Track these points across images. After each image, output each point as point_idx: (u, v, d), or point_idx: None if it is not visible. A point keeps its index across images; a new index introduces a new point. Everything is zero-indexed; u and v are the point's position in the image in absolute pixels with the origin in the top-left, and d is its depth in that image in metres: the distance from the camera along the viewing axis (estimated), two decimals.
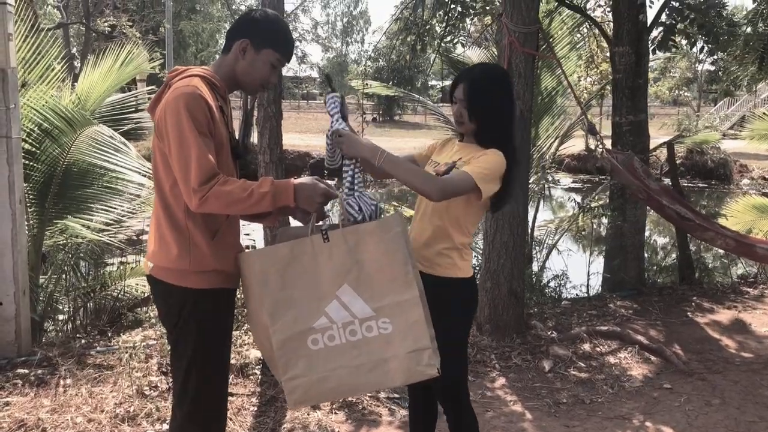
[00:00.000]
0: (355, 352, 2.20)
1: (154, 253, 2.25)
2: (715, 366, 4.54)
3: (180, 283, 2.22)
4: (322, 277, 2.20)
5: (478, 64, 2.83)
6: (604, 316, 5.41)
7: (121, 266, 6.35)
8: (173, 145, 2.10)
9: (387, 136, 28.04)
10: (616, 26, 5.90)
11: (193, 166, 2.07)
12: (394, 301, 2.20)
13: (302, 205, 2.23)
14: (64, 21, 19.68)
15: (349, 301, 2.19)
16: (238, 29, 2.31)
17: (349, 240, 2.21)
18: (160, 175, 2.21)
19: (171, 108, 2.11)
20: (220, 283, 2.27)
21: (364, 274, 2.20)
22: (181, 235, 2.19)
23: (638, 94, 5.98)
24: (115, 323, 5.49)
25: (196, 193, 2.07)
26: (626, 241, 6.15)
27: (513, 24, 4.47)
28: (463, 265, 2.58)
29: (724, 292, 6.22)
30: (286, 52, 2.36)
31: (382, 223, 2.23)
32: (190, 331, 2.25)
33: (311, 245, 2.21)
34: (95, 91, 6.05)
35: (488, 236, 4.78)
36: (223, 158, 2.23)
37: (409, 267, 2.21)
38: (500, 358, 4.53)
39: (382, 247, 2.20)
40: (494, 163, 2.46)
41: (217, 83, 2.26)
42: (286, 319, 2.20)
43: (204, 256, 2.21)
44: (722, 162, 23.44)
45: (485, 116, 2.52)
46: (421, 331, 2.19)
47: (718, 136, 14.34)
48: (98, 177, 5.53)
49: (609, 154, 4.97)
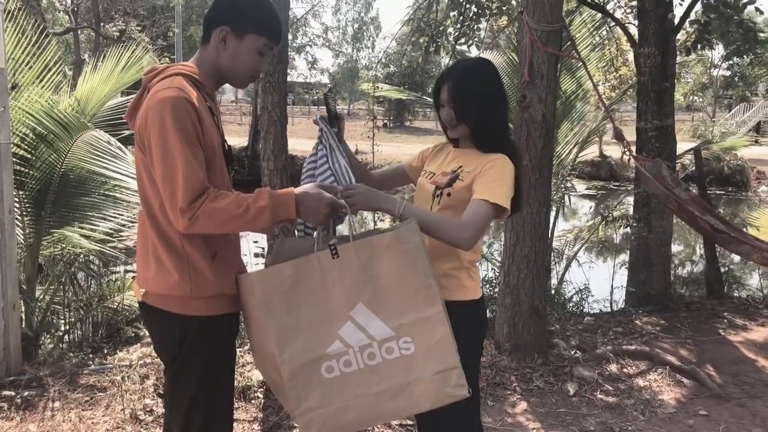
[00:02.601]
0: (375, 377, 1.96)
1: (148, 279, 1.97)
2: (753, 390, 4.21)
3: (180, 310, 1.95)
4: (333, 297, 1.95)
5: (459, 61, 2.53)
6: (631, 333, 5.09)
7: (125, 274, 6.13)
8: (157, 159, 1.83)
9: (398, 141, 27.81)
10: (642, 26, 5.59)
11: (180, 183, 1.79)
12: (416, 318, 1.96)
13: (305, 218, 1.97)
14: (73, 26, 19.56)
15: (365, 322, 1.95)
16: (215, 15, 2.01)
17: (361, 255, 1.96)
18: (148, 192, 1.93)
19: (153, 116, 1.83)
20: (223, 309, 2.00)
21: (381, 291, 1.96)
22: (180, 258, 1.92)
23: (664, 98, 5.66)
24: (112, 338, 5.25)
25: (185, 214, 1.79)
26: (651, 253, 5.82)
27: (535, 22, 4.17)
28: (471, 286, 2.30)
29: (756, 307, 5.88)
30: (274, 34, 2.04)
31: (397, 234, 1.98)
32: (194, 364, 1.98)
33: (318, 263, 1.96)
34: (95, 95, 5.82)
35: (508, 248, 4.48)
36: (216, 166, 1.95)
37: (431, 280, 1.98)
38: (521, 380, 4.22)
39: (400, 260, 1.96)
40: (505, 173, 2.20)
41: (203, 80, 1.98)
42: (296, 347, 1.94)
43: (205, 280, 1.94)
44: (739, 168, 23.06)
45: (477, 114, 2.25)
46: (448, 349, 1.97)
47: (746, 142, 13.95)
48: (97, 185, 5.29)
49: (636, 161, 4.66)
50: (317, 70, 45.82)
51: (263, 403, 3.73)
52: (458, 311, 2.24)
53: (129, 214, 5.40)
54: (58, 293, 5.31)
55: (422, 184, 2.41)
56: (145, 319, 2.11)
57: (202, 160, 1.85)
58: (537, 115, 4.23)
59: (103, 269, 6.07)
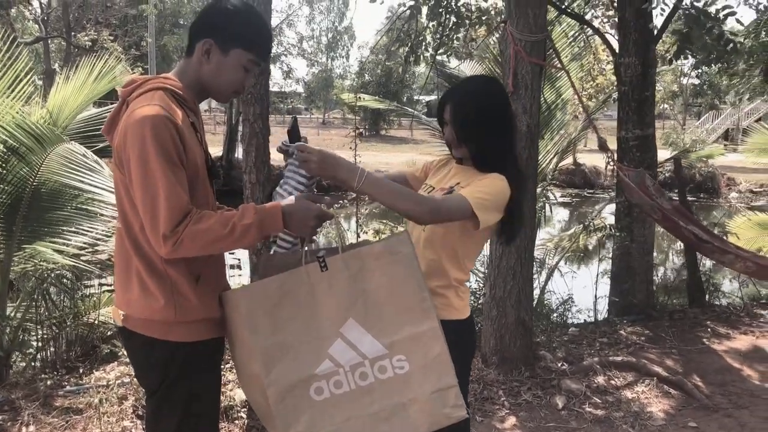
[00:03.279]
0: (368, 398, 1.86)
1: (130, 301, 1.86)
2: (741, 400, 4.20)
3: (164, 336, 1.84)
4: (322, 314, 1.85)
5: (465, 79, 2.47)
6: (616, 344, 5.06)
7: (100, 288, 5.95)
8: (136, 182, 1.73)
9: (373, 150, 27.77)
10: (622, 36, 5.60)
11: (162, 207, 1.69)
12: (410, 333, 1.87)
13: (294, 230, 1.88)
14: (43, 35, 19.23)
15: (356, 339, 1.85)
16: (201, 26, 1.91)
17: (351, 266, 1.87)
18: (127, 212, 1.83)
19: (133, 135, 1.72)
20: (209, 333, 1.91)
21: (372, 305, 1.86)
22: (164, 282, 1.82)
23: (645, 107, 5.67)
24: (88, 356, 5.08)
25: (168, 239, 1.69)
26: (634, 262, 5.81)
27: (519, 32, 4.14)
28: (459, 306, 2.23)
29: (738, 315, 5.90)
30: (261, 50, 1.94)
31: (388, 244, 1.90)
32: (178, 393, 1.88)
33: (306, 276, 1.86)
34: (68, 106, 5.65)
35: (493, 261, 4.43)
36: (200, 185, 1.86)
37: (425, 293, 1.90)
38: (509, 394, 4.16)
39: (391, 272, 1.88)
40: (496, 189, 2.11)
41: (185, 95, 1.88)
42: (283, 368, 1.83)
43: (190, 304, 1.84)
44: (710, 175, 23.40)
45: (478, 138, 2.16)
46: (445, 366, 1.89)
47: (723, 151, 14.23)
48: (71, 198, 5.12)
49: (620, 171, 4.64)
50: (292, 79, 45.71)
51: (247, 423, 3.62)
52: (445, 331, 2.16)
53: (104, 227, 5.25)
54: (30, 310, 5.13)
55: None
56: (126, 345, 2.00)
57: (185, 181, 1.76)
58: (522, 125, 4.19)
59: (77, 284, 5.90)
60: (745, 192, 23.35)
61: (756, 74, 7.22)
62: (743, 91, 8.72)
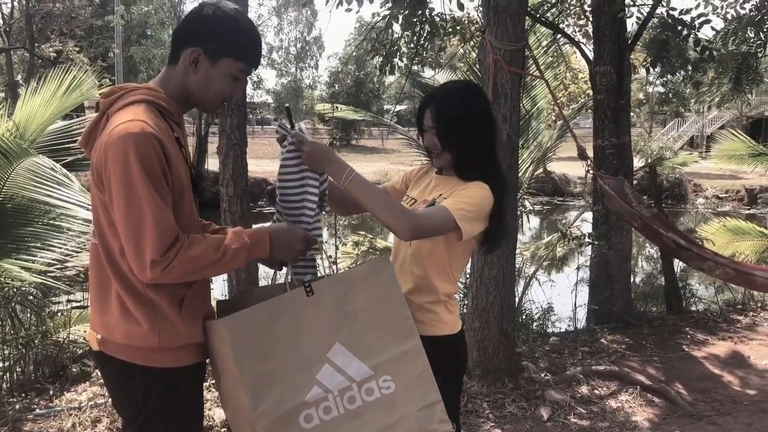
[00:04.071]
0: (357, 422, 1.82)
1: (109, 325, 1.75)
2: (723, 407, 4.20)
3: (146, 362, 1.74)
4: (309, 339, 1.80)
5: (444, 84, 2.41)
6: (598, 353, 5.05)
7: (68, 304, 5.76)
8: (119, 203, 1.62)
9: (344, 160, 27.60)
10: (597, 45, 5.63)
11: (149, 232, 1.60)
12: (394, 354, 1.87)
13: (279, 255, 1.82)
14: (5, 46, 18.84)
15: (343, 363, 1.82)
16: (187, 33, 1.79)
17: (337, 290, 1.84)
18: (106, 234, 1.72)
19: (115, 153, 1.62)
20: (193, 358, 1.81)
21: (358, 328, 1.83)
22: (146, 306, 1.72)
23: (621, 116, 5.70)
24: (58, 377, 4.90)
25: (157, 265, 1.60)
26: (612, 270, 5.83)
27: (498, 41, 4.11)
28: (449, 320, 2.18)
29: (715, 321, 5.94)
30: (252, 58, 1.84)
31: (372, 267, 1.89)
32: (159, 420, 1.78)
33: (292, 302, 1.81)
34: (36, 119, 5.48)
35: (475, 272, 4.38)
36: (186, 202, 1.77)
37: (407, 312, 1.90)
38: (493, 407, 4.11)
39: (376, 293, 1.86)
40: (479, 198, 2.07)
41: (169, 106, 1.77)
42: (272, 399, 1.75)
43: (174, 329, 1.74)
44: (677, 182, 23.79)
45: (462, 143, 2.12)
46: (429, 383, 1.89)
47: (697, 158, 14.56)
48: (40, 214, 4.96)
49: (600, 179, 4.64)
50: (262, 89, 45.44)
51: None
52: (436, 346, 2.10)
53: (74, 243, 5.09)
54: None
55: None
56: (103, 370, 1.88)
57: (170, 202, 1.67)
58: (501, 135, 4.16)
59: (44, 300, 5.72)
60: (712, 198, 23.78)
61: (725, 82, 7.31)
62: (712, 99, 8.82)
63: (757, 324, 5.92)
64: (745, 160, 8.64)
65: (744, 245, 7.81)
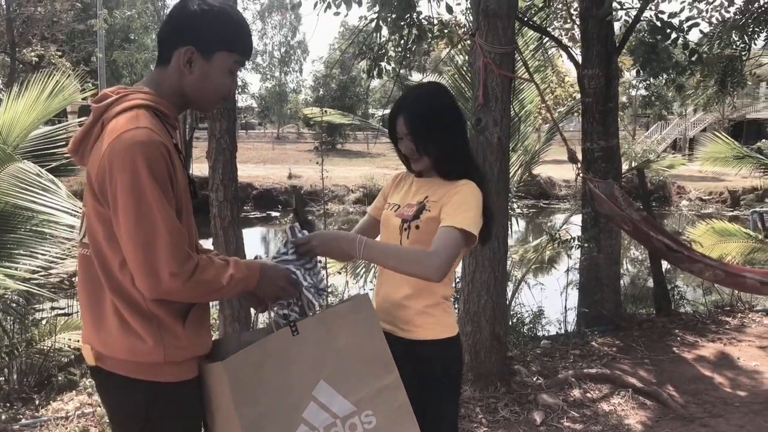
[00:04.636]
0: None
1: (107, 342, 1.67)
2: (715, 409, 4.21)
3: (149, 377, 1.67)
4: (295, 378, 1.81)
5: (409, 89, 2.36)
6: (589, 356, 5.05)
7: (52, 312, 5.68)
8: (127, 215, 1.55)
9: (330, 164, 27.51)
10: (585, 48, 5.65)
11: (164, 243, 1.54)
12: (375, 388, 1.89)
13: (262, 289, 1.80)
14: None
15: (327, 400, 1.83)
16: (176, 32, 1.72)
17: (320, 328, 1.86)
18: (103, 249, 1.65)
19: (121, 164, 1.54)
20: (194, 372, 1.77)
21: (340, 365, 1.86)
22: (149, 321, 1.65)
23: (609, 119, 5.72)
24: (44, 386, 4.82)
25: (177, 277, 1.55)
26: (602, 273, 5.83)
27: (488, 45, 4.10)
28: (448, 322, 2.18)
29: (704, 323, 5.96)
30: (245, 47, 1.78)
31: (353, 305, 1.93)
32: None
33: (280, 342, 1.81)
34: (19, 124, 5.39)
35: (467, 275, 4.36)
36: (185, 215, 1.70)
37: (385, 344, 1.92)
38: (486, 411, 4.09)
39: (357, 329, 1.89)
40: (472, 198, 2.08)
41: (166, 111, 1.70)
42: None
43: (180, 343, 1.69)
44: (661, 184, 23.98)
45: (438, 144, 2.12)
46: (407, 414, 1.92)
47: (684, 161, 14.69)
48: (24, 220, 4.88)
49: (590, 182, 4.64)
50: (247, 94, 45.29)
51: None
52: (438, 349, 2.11)
53: (59, 249, 5.01)
54: None
55: (388, 217, 2.26)
56: (100, 385, 1.81)
57: (175, 213, 1.62)
58: (493, 138, 4.15)
59: (28, 308, 5.63)
60: (695, 200, 24.01)
61: (711, 84, 7.37)
62: (698, 101, 8.89)
63: (746, 325, 5.95)
64: (729, 162, 8.71)
65: (730, 247, 7.87)
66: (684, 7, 5.83)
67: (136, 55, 28.52)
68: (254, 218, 19.97)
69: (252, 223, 19.25)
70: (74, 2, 21.31)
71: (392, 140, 2.24)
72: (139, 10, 29.21)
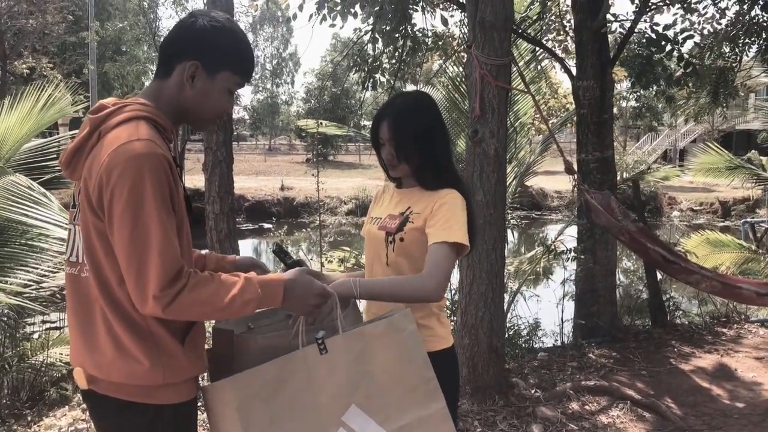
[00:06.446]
0: None
1: (101, 364, 1.60)
2: (714, 421, 4.19)
3: (146, 400, 1.61)
4: (322, 400, 1.67)
5: (393, 96, 2.37)
6: (587, 368, 5.02)
7: (43, 325, 5.60)
8: (122, 229, 1.50)
9: (323, 176, 27.49)
10: (580, 59, 5.66)
11: (153, 262, 1.48)
12: (417, 417, 1.73)
13: (291, 308, 1.73)
14: None
15: (359, 428, 1.68)
16: (182, 46, 1.68)
17: (352, 347, 1.72)
18: (102, 264, 1.59)
19: (123, 176, 1.49)
20: (193, 392, 1.71)
21: (376, 389, 1.71)
22: (146, 342, 1.59)
23: (604, 130, 5.73)
24: (36, 402, 4.76)
25: (158, 300, 1.48)
26: (598, 284, 5.82)
27: (485, 56, 4.10)
28: (443, 333, 2.14)
29: (700, 334, 5.95)
30: (247, 71, 1.76)
31: (391, 322, 1.77)
32: None
33: (304, 360, 1.68)
34: (11, 137, 5.35)
35: (464, 287, 4.33)
36: (184, 231, 1.66)
37: (431, 373, 1.77)
38: (485, 425, 4.05)
39: (396, 351, 1.74)
40: (457, 209, 2.06)
41: (165, 124, 1.66)
42: None
43: (179, 364, 1.63)
44: (652, 195, 24.06)
45: (419, 152, 2.11)
46: None
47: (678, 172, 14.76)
48: (16, 234, 4.82)
49: (587, 194, 4.64)
50: (239, 105, 45.24)
51: None
52: (434, 362, 2.07)
53: (50, 263, 4.96)
54: None
55: (370, 231, 2.23)
56: (94, 409, 1.72)
57: (175, 226, 1.56)
58: (489, 149, 4.14)
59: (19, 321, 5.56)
60: (686, 211, 24.10)
61: (702, 96, 7.40)
62: (689, 112, 8.94)
63: (742, 336, 5.94)
64: (722, 173, 8.77)
65: (724, 257, 7.91)
66: (676, 19, 5.85)
67: (128, 67, 28.41)
68: (246, 230, 19.90)
69: (244, 234, 19.17)
70: (66, 15, 21.28)
71: (374, 146, 2.23)
72: (131, 23, 29.11)
